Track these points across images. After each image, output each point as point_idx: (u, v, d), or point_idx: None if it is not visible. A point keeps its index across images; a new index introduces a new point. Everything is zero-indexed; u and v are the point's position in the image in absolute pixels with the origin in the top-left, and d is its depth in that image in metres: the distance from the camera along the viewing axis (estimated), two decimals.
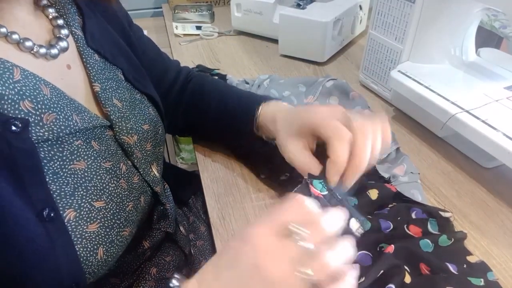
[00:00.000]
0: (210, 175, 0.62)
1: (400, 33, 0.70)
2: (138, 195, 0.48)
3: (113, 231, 0.42)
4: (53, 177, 0.38)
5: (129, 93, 0.51)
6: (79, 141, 0.41)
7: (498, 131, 0.54)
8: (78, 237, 0.38)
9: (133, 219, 0.46)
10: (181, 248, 0.60)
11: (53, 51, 0.42)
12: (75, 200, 0.39)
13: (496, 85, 0.63)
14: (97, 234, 0.40)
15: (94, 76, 0.46)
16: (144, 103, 0.54)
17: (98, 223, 0.40)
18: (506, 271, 0.47)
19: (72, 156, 0.40)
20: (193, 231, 0.68)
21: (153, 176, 0.51)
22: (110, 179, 0.44)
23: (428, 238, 0.47)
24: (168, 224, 0.56)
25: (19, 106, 0.36)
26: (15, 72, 0.37)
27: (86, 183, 0.41)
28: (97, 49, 0.48)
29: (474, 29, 0.70)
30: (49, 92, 0.39)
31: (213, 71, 0.86)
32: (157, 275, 0.56)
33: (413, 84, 0.66)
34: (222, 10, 1.25)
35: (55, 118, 0.39)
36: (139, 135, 0.50)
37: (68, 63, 0.45)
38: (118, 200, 0.44)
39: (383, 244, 0.47)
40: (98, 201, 0.41)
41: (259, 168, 0.60)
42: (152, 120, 0.54)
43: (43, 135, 0.38)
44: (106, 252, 0.41)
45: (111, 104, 0.47)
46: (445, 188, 0.58)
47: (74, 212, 0.38)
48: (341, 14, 0.89)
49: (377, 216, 0.51)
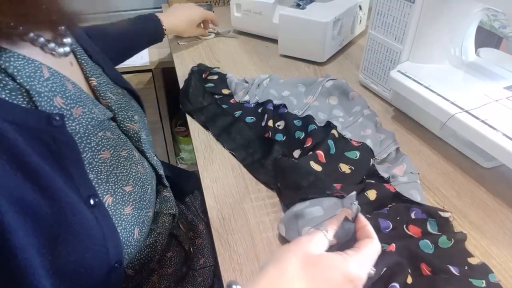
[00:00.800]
0: (210, 175, 0.62)
1: (399, 33, 0.70)
2: (151, 179, 0.52)
3: (143, 212, 0.46)
4: (89, 167, 0.41)
5: (113, 88, 0.54)
6: (101, 132, 0.44)
7: (498, 131, 0.54)
8: (118, 219, 0.42)
9: (153, 201, 0.50)
10: (181, 244, 0.61)
11: (66, 49, 0.44)
12: (110, 186, 0.42)
13: (495, 85, 0.63)
14: (132, 216, 0.44)
15: (90, 71, 0.49)
16: (127, 97, 0.57)
17: (131, 205, 0.44)
18: (506, 271, 0.47)
19: (98, 147, 0.43)
20: (192, 229, 0.68)
21: (156, 160, 0.56)
22: (130, 166, 0.47)
23: (428, 238, 0.47)
24: (170, 207, 0.58)
25: (53, 102, 0.38)
26: (44, 70, 0.39)
27: (115, 170, 0.44)
28: (84, 47, 0.51)
29: (474, 29, 0.70)
30: (72, 87, 0.42)
31: (213, 70, 0.86)
32: (159, 270, 0.57)
33: (413, 84, 0.66)
34: (222, 10, 1.25)
35: (82, 111, 0.42)
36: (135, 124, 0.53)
37: (70, 61, 0.47)
38: (141, 184, 0.47)
39: (383, 244, 0.47)
40: (128, 185, 0.45)
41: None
42: (138, 111, 0.57)
43: (75, 128, 0.40)
44: (140, 231, 0.45)
45: (108, 97, 0.50)
46: (444, 188, 0.58)
47: (111, 197, 0.42)
48: (340, 14, 0.89)
49: (376, 216, 0.50)
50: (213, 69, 0.87)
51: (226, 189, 0.59)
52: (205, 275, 0.63)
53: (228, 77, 0.82)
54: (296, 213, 0.49)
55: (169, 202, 0.58)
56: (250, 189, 0.59)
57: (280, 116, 0.70)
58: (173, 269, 0.59)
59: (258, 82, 0.80)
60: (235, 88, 0.79)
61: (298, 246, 0.35)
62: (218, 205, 0.56)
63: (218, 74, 0.85)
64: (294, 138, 0.66)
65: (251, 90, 0.79)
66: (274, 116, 0.69)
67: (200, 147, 0.68)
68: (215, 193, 0.58)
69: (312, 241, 0.36)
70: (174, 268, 0.59)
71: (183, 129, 1.52)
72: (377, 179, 0.58)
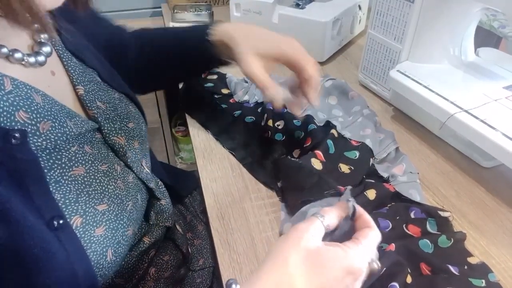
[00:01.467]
0: (209, 174, 0.62)
1: (399, 33, 0.70)
2: (135, 194, 0.48)
3: (118, 232, 0.43)
4: (56, 186, 0.38)
5: (108, 94, 0.51)
6: (75, 146, 0.41)
7: (497, 131, 0.54)
8: (87, 242, 0.39)
9: (134, 218, 0.47)
10: (178, 247, 0.60)
11: (40, 58, 0.41)
12: (79, 206, 0.39)
13: (495, 85, 0.64)
14: (105, 237, 0.41)
15: (77, 79, 0.46)
16: (124, 102, 0.54)
17: (104, 226, 0.41)
18: (506, 271, 0.47)
19: (70, 163, 0.40)
20: (191, 230, 0.68)
21: (145, 173, 0.52)
22: (108, 181, 0.44)
23: (427, 238, 0.47)
24: (166, 219, 0.56)
25: (14, 118, 0.35)
26: (6, 83, 0.36)
27: (87, 188, 0.41)
28: (74, 52, 0.48)
29: (473, 29, 0.70)
30: (41, 99, 0.38)
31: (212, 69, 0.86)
32: (155, 274, 0.56)
33: (412, 84, 0.66)
34: (221, 10, 1.25)
35: (50, 126, 0.38)
36: (126, 134, 0.50)
37: (52, 69, 0.44)
38: (119, 201, 0.44)
39: (382, 244, 0.47)
40: (101, 204, 0.42)
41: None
42: (134, 117, 0.54)
43: (41, 145, 0.37)
44: (114, 253, 0.42)
45: (95, 107, 0.47)
46: (444, 187, 0.58)
47: (80, 218, 0.39)
48: (340, 14, 0.89)
49: (376, 215, 0.51)
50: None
51: (226, 188, 0.59)
52: (204, 276, 0.63)
53: (227, 76, 0.82)
54: (302, 212, 0.49)
55: (165, 213, 0.56)
56: (250, 189, 0.59)
57: (279, 116, 0.70)
58: (170, 272, 0.58)
59: None
60: (234, 88, 0.79)
61: (296, 239, 0.34)
62: (217, 205, 0.56)
63: (218, 73, 0.85)
64: (294, 137, 0.66)
65: (250, 90, 0.79)
66: (274, 115, 0.69)
67: (199, 146, 0.68)
68: (214, 193, 0.58)
69: (309, 231, 0.35)
70: (171, 271, 0.58)
71: (183, 129, 1.52)
72: (376, 178, 0.58)
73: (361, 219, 0.39)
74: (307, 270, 0.33)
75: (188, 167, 1.54)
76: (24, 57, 0.39)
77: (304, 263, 0.33)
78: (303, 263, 0.33)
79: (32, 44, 0.42)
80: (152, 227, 0.55)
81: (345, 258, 0.34)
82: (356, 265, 0.34)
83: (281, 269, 0.33)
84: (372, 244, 0.37)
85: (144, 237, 0.54)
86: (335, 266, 0.33)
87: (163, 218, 0.56)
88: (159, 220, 0.56)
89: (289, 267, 0.33)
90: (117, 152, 0.48)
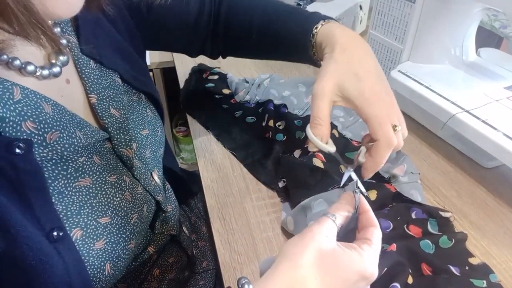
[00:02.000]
0: (210, 175, 0.62)
1: (400, 33, 0.70)
2: (141, 205, 0.47)
3: (119, 245, 0.42)
4: (59, 197, 0.37)
5: (127, 96, 0.50)
6: (83, 157, 0.41)
7: (498, 131, 0.54)
8: (86, 255, 0.38)
9: (138, 230, 0.46)
10: (184, 249, 0.60)
11: (55, 70, 0.40)
12: (81, 219, 0.39)
13: (496, 85, 0.63)
14: (104, 251, 0.40)
15: (90, 87, 0.45)
16: (142, 104, 0.53)
17: (105, 239, 0.40)
18: (506, 271, 0.47)
19: (76, 174, 0.39)
20: (195, 231, 0.68)
21: (154, 185, 0.51)
22: (115, 193, 0.43)
23: (428, 238, 0.47)
24: (172, 227, 0.55)
25: (21, 128, 0.35)
26: (15, 92, 0.35)
27: (91, 199, 0.40)
28: (92, 55, 0.46)
29: (474, 29, 0.70)
30: (51, 109, 0.38)
31: (213, 70, 0.86)
32: (160, 276, 0.56)
33: (413, 84, 0.66)
34: None
35: (58, 136, 0.38)
36: (138, 142, 0.49)
37: (67, 77, 0.43)
38: (123, 214, 0.43)
39: (384, 244, 0.47)
40: (104, 217, 0.41)
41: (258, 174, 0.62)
42: (151, 123, 0.53)
43: (47, 155, 0.37)
44: (113, 267, 0.41)
45: (108, 115, 0.45)
46: (445, 188, 0.58)
47: (80, 230, 0.38)
48: (341, 14, 0.89)
49: (377, 216, 0.50)
50: (213, 69, 0.87)
51: (227, 189, 0.59)
52: (207, 278, 0.63)
53: (228, 77, 0.82)
54: (304, 205, 0.49)
55: (171, 221, 0.55)
56: (251, 189, 0.59)
57: (280, 116, 0.70)
58: (174, 274, 0.58)
59: (258, 82, 0.80)
60: (235, 88, 0.79)
61: (311, 240, 0.34)
62: (218, 205, 0.56)
63: (219, 74, 0.85)
64: (295, 138, 0.66)
65: (251, 90, 0.79)
66: (275, 116, 0.69)
67: (200, 147, 0.68)
68: (215, 193, 0.58)
69: (322, 232, 0.34)
70: (175, 273, 0.58)
71: (184, 129, 1.53)
72: (377, 179, 0.58)
73: (366, 215, 0.38)
74: (321, 272, 0.32)
75: (189, 168, 1.55)
76: (37, 70, 0.38)
77: (319, 265, 0.33)
78: (317, 265, 0.32)
79: (49, 53, 0.41)
80: (156, 236, 0.54)
81: (360, 262, 0.33)
82: (370, 270, 0.34)
83: (295, 271, 0.32)
84: (380, 245, 0.36)
85: (149, 247, 0.53)
86: (350, 270, 0.33)
87: (168, 227, 0.55)
88: (164, 229, 0.55)
89: (302, 269, 0.32)
90: (125, 163, 0.47)
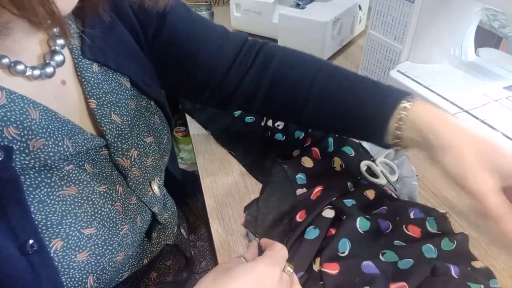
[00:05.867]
0: (210, 175, 0.62)
1: (399, 33, 0.70)
2: (134, 217, 0.45)
3: (105, 258, 0.40)
4: (39, 206, 0.35)
5: (135, 102, 0.47)
6: (71, 165, 0.38)
7: (497, 131, 0.54)
8: (66, 267, 0.36)
9: (128, 242, 0.44)
10: (182, 251, 0.59)
11: (48, 70, 0.38)
12: (62, 229, 0.36)
13: (495, 85, 0.64)
14: (87, 263, 0.38)
15: (90, 91, 0.42)
16: (150, 110, 0.50)
17: (88, 251, 0.38)
18: (505, 271, 0.47)
19: (61, 182, 0.37)
20: (194, 231, 0.68)
21: (150, 196, 0.48)
22: (103, 203, 0.41)
23: (430, 242, 0.47)
24: (168, 236, 0.54)
25: (2, 133, 0.33)
26: (0, 96, 0.33)
27: (76, 209, 0.38)
28: (96, 58, 0.43)
29: (473, 29, 0.70)
30: (38, 115, 0.36)
31: None
32: (157, 279, 0.56)
33: (413, 84, 0.66)
34: (221, 10, 1.25)
35: (43, 144, 0.35)
36: (139, 150, 0.47)
37: (63, 79, 0.41)
38: (111, 225, 0.41)
39: (385, 250, 0.47)
40: (88, 228, 0.39)
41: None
42: (157, 130, 0.51)
43: (28, 163, 0.34)
44: (97, 280, 0.39)
45: (108, 122, 0.43)
46: (444, 188, 0.58)
47: (61, 241, 0.36)
48: (340, 14, 0.89)
49: (376, 216, 0.50)
50: None
51: (226, 189, 0.59)
52: None
53: None
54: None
55: (167, 230, 0.54)
56: (250, 189, 0.59)
57: None
58: (172, 276, 0.58)
59: None
60: None
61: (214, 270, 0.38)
62: (217, 205, 0.56)
63: None
64: (294, 138, 0.66)
65: None
66: None
67: (199, 147, 0.68)
68: (214, 193, 0.58)
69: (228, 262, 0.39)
70: (173, 276, 0.58)
71: (183, 129, 1.52)
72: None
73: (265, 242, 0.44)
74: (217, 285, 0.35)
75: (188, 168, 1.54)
76: (27, 70, 0.36)
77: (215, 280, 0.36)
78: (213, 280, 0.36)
79: (44, 53, 0.39)
80: (152, 247, 0.53)
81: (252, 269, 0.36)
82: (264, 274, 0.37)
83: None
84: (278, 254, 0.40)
85: (144, 258, 0.51)
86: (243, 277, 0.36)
87: (165, 236, 0.54)
88: (161, 239, 0.54)
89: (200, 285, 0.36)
90: (121, 172, 0.45)
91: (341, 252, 0.46)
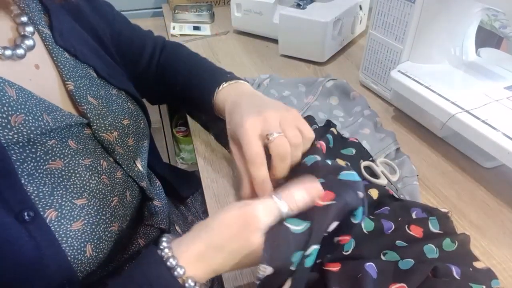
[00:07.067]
0: (210, 175, 0.62)
1: (400, 33, 0.70)
2: (123, 190, 0.48)
3: (100, 227, 0.42)
4: (29, 179, 0.37)
5: (104, 90, 0.51)
6: (53, 140, 0.41)
7: (498, 131, 0.54)
8: (63, 236, 0.38)
9: (120, 214, 0.46)
10: None
11: (19, 51, 0.41)
12: (55, 200, 0.39)
13: (496, 85, 0.63)
14: (83, 232, 0.40)
15: (67, 74, 0.46)
16: (122, 98, 0.54)
17: (82, 220, 0.40)
18: (506, 271, 0.47)
19: (46, 156, 0.40)
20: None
21: (137, 171, 0.51)
22: (90, 176, 0.43)
23: (431, 242, 0.47)
24: (161, 221, 0.56)
25: None
26: None
27: (65, 182, 0.40)
28: (67, 48, 0.48)
29: (474, 29, 0.70)
30: (15, 93, 0.38)
31: None
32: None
33: (413, 84, 0.66)
34: (222, 10, 1.26)
35: (23, 119, 0.38)
36: (119, 130, 0.50)
37: (36, 63, 0.44)
38: (101, 196, 0.44)
39: (386, 251, 0.47)
40: (80, 198, 0.41)
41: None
42: (132, 115, 0.54)
43: (12, 138, 0.37)
44: (95, 248, 0.41)
45: (86, 102, 0.46)
46: (445, 188, 0.58)
47: (55, 211, 0.38)
48: (341, 14, 0.89)
49: (378, 217, 0.50)
50: None
51: (227, 189, 0.59)
52: None
53: None
54: None
55: (160, 215, 0.56)
56: None
57: None
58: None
59: (258, 82, 0.80)
60: None
61: None
62: (218, 205, 0.56)
63: None
64: None
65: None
66: None
67: (200, 147, 0.68)
68: (215, 193, 0.58)
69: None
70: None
71: (184, 129, 1.53)
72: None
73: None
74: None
75: (188, 168, 1.54)
76: None
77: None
78: None
79: (15, 38, 0.42)
80: (146, 228, 0.55)
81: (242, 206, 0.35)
82: (251, 212, 0.35)
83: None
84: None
85: (139, 238, 0.53)
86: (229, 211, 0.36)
87: (157, 220, 0.55)
88: (154, 221, 0.55)
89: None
90: (106, 148, 0.48)
91: (345, 251, 0.46)
